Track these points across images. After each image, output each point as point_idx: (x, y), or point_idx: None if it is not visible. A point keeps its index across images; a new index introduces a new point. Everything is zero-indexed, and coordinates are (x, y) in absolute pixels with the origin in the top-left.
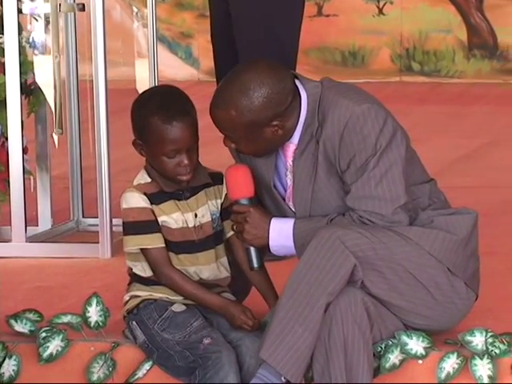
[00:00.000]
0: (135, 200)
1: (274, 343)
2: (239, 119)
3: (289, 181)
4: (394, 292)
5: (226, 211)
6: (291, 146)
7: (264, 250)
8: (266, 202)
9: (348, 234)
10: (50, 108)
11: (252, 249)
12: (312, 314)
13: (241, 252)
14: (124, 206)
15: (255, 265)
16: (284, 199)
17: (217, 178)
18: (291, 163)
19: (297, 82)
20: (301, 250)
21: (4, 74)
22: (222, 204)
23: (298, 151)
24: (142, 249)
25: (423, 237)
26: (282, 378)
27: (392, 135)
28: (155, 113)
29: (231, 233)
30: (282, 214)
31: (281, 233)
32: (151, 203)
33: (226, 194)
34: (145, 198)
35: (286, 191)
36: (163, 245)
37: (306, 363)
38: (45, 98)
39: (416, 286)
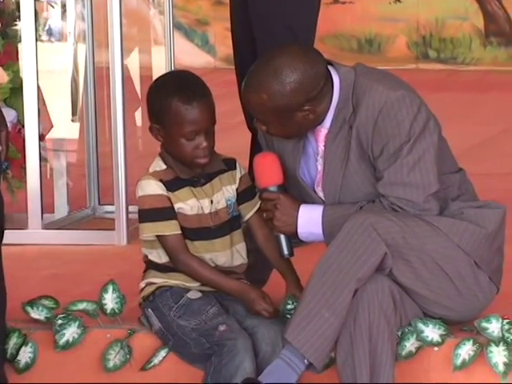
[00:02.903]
0: (151, 187)
1: (299, 325)
2: (271, 103)
3: (319, 166)
4: (419, 281)
5: (242, 195)
6: (323, 131)
7: (292, 237)
8: (293, 191)
9: (381, 222)
10: (67, 95)
11: (282, 236)
12: (340, 299)
13: (260, 233)
14: (140, 193)
15: (285, 252)
16: (312, 187)
17: (230, 164)
18: (323, 148)
19: (329, 66)
20: (329, 237)
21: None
22: (237, 189)
23: (330, 136)
24: (158, 236)
25: (453, 228)
26: (305, 361)
27: (425, 122)
28: (175, 94)
29: (249, 215)
30: (309, 202)
31: (310, 220)
32: (167, 190)
33: (241, 178)
34: (161, 185)
35: (314, 178)
36: (180, 231)
37: (330, 348)
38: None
39: (442, 276)
